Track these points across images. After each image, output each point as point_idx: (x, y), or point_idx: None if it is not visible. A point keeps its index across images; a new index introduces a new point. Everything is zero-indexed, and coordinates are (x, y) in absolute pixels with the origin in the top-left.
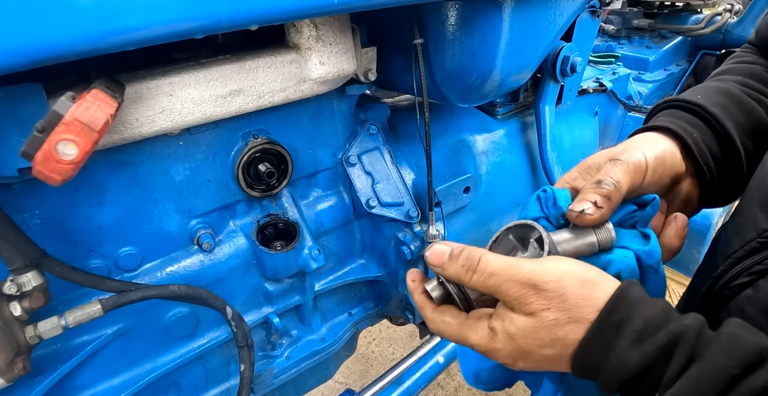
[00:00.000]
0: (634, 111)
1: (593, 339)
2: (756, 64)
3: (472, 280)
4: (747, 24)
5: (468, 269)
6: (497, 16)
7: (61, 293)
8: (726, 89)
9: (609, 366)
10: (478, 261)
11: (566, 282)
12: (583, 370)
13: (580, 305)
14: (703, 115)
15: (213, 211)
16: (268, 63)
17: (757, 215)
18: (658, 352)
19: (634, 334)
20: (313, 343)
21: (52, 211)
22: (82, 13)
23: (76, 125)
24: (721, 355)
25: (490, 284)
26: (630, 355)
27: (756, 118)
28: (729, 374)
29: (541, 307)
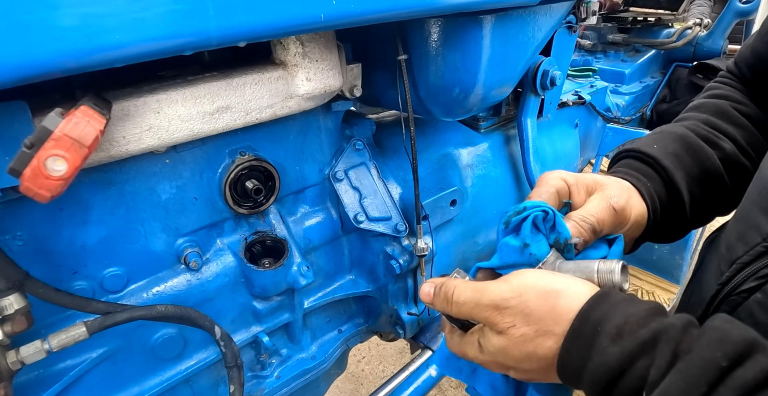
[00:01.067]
0: (613, 122)
1: (572, 341)
2: (726, 99)
3: (452, 311)
4: (716, 37)
5: (447, 303)
6: (478, 31)
7: (43, 316)
8: (683, 136)
9: (590, 365)
10: (452, 294)
11: (528, 296)
12: (566, 375)
13: (545, 318)
14: (656, 167)
15: (200, 229)
16: (255, 80)
17: (760, 220)
18: (639, 348)
19: (614, 331)
20: (304, 362)
21: (34, 232)
22: (69, 31)
23: (65, 141)
24: (708, 348)
25: (464, 312)
26: (610, 351)
27: (707, 167)
28: (718, 366)
29: (507, 325)
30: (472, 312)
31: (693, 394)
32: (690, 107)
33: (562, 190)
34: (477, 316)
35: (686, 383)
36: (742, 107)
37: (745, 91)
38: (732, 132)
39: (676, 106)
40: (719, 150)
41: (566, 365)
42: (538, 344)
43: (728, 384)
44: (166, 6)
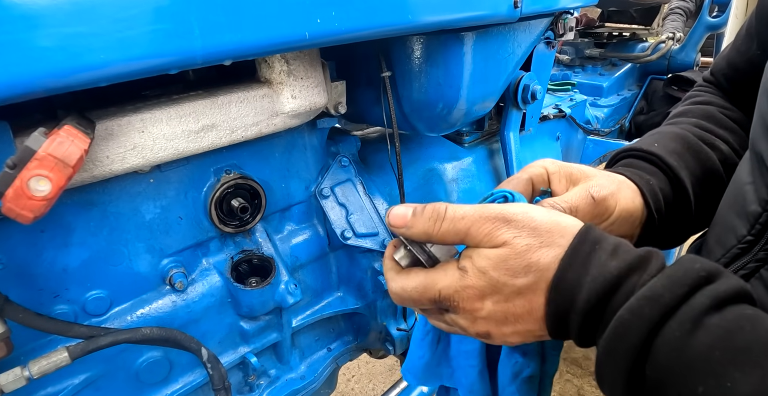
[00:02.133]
0: (593, 134)
1: (572, 257)
2: (710, 105)
3: (441, 228)
4: (689, 50)
5: (436, 219)
6: (460, 48)
7: (23, 342)
8: (682, 136)
9: (590, 277)
10: (445, 210)
11: (534, 213)
12: (560, 290)
13: (552, 231)
14: (660, 164)
15: (185, 249)
16: (241, 98)
17: (736, 223)
18: (635, 260)
19: (610, 247)
20: (293, 382)
21: (14, 255)
22: (53, 50)
23: (49, 160)
24: (688, 261)
25: (461, 227)
26: (610, 263)
27: (709, 167)
28: (697, 274)
29: (513, 235)
30: (472, 227)
31: (676, 292)
32: (675, 114)
33: (538, 177)
34: (476, 231)
35: (670, 281)
36: (727, 112)
37: (726, 99)
38: (724, 135)
39: (653, 118)
40: (717, 151)
41: (563, 279)
42: (543, 254)
43: (704, 292)
44: (151, 25)
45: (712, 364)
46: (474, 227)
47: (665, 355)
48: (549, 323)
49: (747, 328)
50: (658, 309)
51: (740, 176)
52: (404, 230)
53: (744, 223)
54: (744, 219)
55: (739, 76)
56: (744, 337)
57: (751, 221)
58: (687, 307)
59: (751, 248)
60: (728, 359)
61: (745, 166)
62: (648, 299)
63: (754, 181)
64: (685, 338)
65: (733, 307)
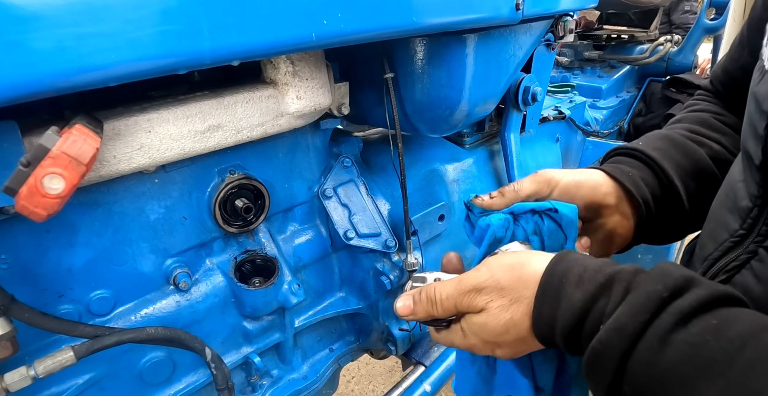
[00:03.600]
0: (592, 136)
1: (542, 295)
2: (705, 112)
3: (438, 311)
4: (686, 52)
5: (431, 304)
6: (462, 50)
7: (27, 342)
8: (667, 135)
9: (560, 311)
10: (435, 295)
11: (497, 274)
12: (542, 330)
13: (516, 287)
14: (642, 157)
15: (189, 249)
16: (247, 98)
17: (728, 218)
18: (598, 289)
19: (576, 278)
20: (295, 383)
21: (19, 255)
22: (64, 50)
23: (63, 159)
24: (652, 283)
25: (450, 306)
26: (574, 296)
27: (696, 160)
28: (659, 297)
29: (486, 301)
30: (456, 302)
31: (639, 319)
32: (672, 121)
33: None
34: (461, 305)
35: (633, 311)
36: (721, 117)
37: (722, 105)
38: (715, 136)
39: (651, 120)
40: (705, 147)
41: (540, 319)
42: (514, 311)
43: (669, 310)
44: (160, 26)
45: (680, 378)
46: (458, 302)
47: (639, 374)
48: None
49: (711, 341)
50: (624, 338)
51: (733, 175)
52: (413, 318)
53: (736, 218)
54: (736, 214)
55: (734, 82)
56: (707, 350)
57: (742, 216)
58: (653, 328)
59: (743, 241)
60: (694, 371)
61: (738, 166)
62: (614, 330)
63: (744, 179)
64: (654, 357)
65: (697, 320)
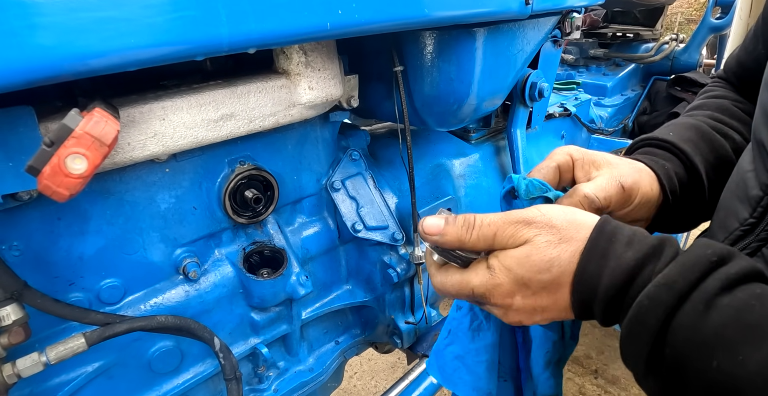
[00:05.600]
0: (597, 133)
1: (592, 250)
2: (725, 99)
3: (472, 236)
4: (692, 51)
5: (468, 228)
6: (472, 44)
7: (39, 329)
8: (696, 125)
9: (609, 269)
10: (474, 219)
11: (551, 214)
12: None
13: (568, 228)
14: (675, 151)
15: (198, 239)
16: (259, 88)
17: (738, 207)
18: (650, 250)
19: (626, 239)
20: (301, 374)
21: (31, 242)
22: (84, 33)
23: (86, 139)
24: (700, 248)
25: (488, 233)
26: (626, 255)
27: (723, 154)
28: (709, 260)
29: (534, 234)
30: (498, 230)
31: (688, 278)
32: (692, 107)
33: (564, 165)
34: (502, 235)
35: (683, 269)
36: (740, 104)
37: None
38: (737, 126)
39: (656, 118)
40: (730, 140)
41: (584, 275)
42: (563, 249)
43: (715, 275)
44: (179, 12)
45: (724, 341)
46: (500, 231)
47: (681, 334)
48: (575, 310)
49: (756, 306)
50: (672, 294)
51: (742, 165)
52: (437, 238)
53: (746, 207)
54: (746, 203)
55: (747, 73)
56: (753, 315)
57: (753, 205)
58: (699, 291)
59: (754, 230)
60: (739, 336)
61: (747, 155)
62: (663, 286)
63: (755, 168)
64: (699, 319)
65: (743, 287)
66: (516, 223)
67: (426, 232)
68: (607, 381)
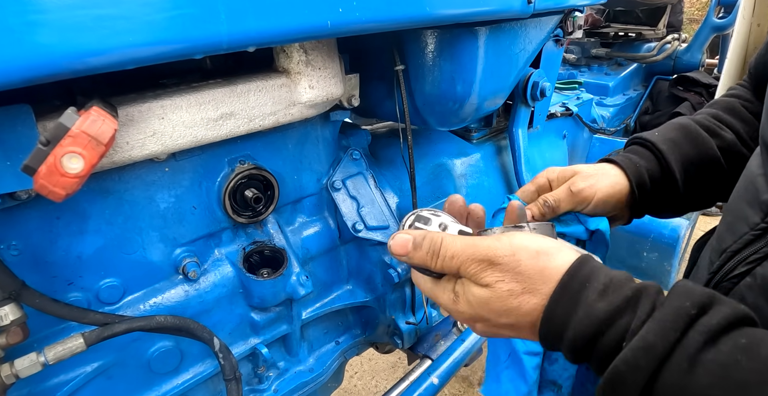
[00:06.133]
0: (599, 133)
1: (561, 294)
2: (737, 98)
3: (436, 264)
4: (694, 51)
5: (432, 255)
6: (473, 43)
7: (37, 329)
8: (684, 124)
9: (576, 318)
10: (440, 246)
11: (521, 255)
12: (550, 329)
13: (534, 278)
14: (653, 149)
15: (198, 239)
16: (259, 87)
17: (747, 212)
18: (624, 303)
19: (601, 287)
20: (301, 375)
21: (30, 242)
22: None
23: (83, 138)
24: (678, 299)
25: (452, 266)
26: (597, 305)
27: (705, 150)
28: (687, 314)
29: (496, 279)
30: (462, 265)
31: (668, 338)
32: (707, 104)
33: (543, 187)
34: (465, 270)
35: (661, 328)
36: (749, 105)
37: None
38: (736, 125)
39: (658, 118)
40: (719, 138)
41: (552, 318)
42: (524, 300)
43: (697, 328)
44: (178, 10)
45: None
46: (463, 267)
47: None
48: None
49: (743, 361)
50: (653, 359)
51: (751, 169)
52: (405, 259)
53: (756, 212)
54: (756, 208)
55: (759, 77)
56: (740, 372)
57: (764, 209)
58: (681, 348)
59: (765, 234)
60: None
61: (756, 159)
62: (642, 350)
63: (765, 173)
64: (683, 379)
65: (727, 337)
66: (480, 262)
67: (394, 253)
68: None
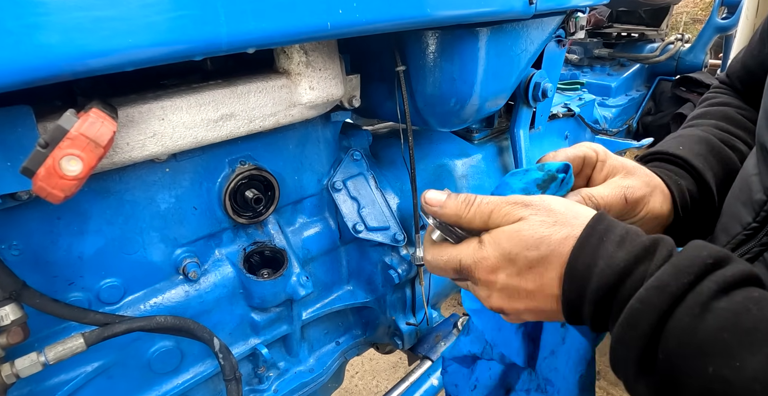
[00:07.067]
0: (601, 134)
1: (581, 247)
2: (728, 106)
3: (469, 211)
4: (697, 51)
5: (466, 204)
6: (474, 43)
7: (37, 329)
8: (705, 139)
9: (597, 269)
10: (474, 198)
11: (550, 200)
12: (571, 280)
13: (565, 213)
14: (686, 167)
15: (198, 239)
16: (260, 88)
17: (741, 212)
18: (642, 251)
19: (617, 238)
20: (301, 375)
21: (30, 242)
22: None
23: (81, 140)
24: (695, 250)
25: (485, 210)
26: (616, 255)
27: (730, 168)
28: (704, 262)
29: (529, 213)
30: (495, 209)
31: (682, 280)
32: (694, 115)
33: (589, 159)
34: (498, 213)
35: (676, 271)
36: (744, 112)
37: (740, 99)
38: (742, 135)
39: (660, 118)
40: (737, 152)
41: (573, 273)
42: (555, 230)
43: (711, 278)
44: (177, 11)
45: (721, 346)
46: (496, 209)
47: (675, 339)
48: (564, 310)
49: (753, 310)
50: (665, 297)
51: (747, 169)
52: (437, 209)
53: (749, 211)
54: (749, 207)
55: (752, 78)
56: (751, 319)
57: (756, 209)
58: (694, 293)
59: (756, 234)
60: (736, 340)
61: (752, 160)
62: (656, 289)
63: (759, 172)
64: (694, 322)
65: (739, 290)
66: (514, 204)
67: (427, 203)
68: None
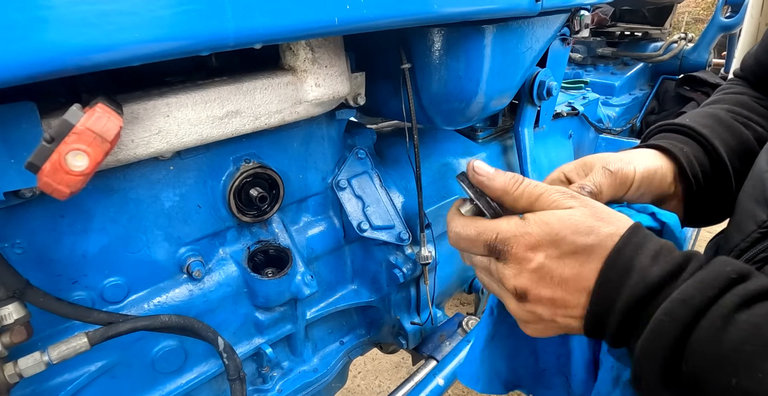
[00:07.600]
0: (605, 133)
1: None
2: (743, 95)
3: (518, 189)
4: (701, 50)
5: (516, 182)
6: (480, 41)
7: (41, 328)
8: (713, 113)
9: (631, 281)
10: (523, 178)
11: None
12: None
13: (609, 213)
14: (693, 134)
15: (203, 238)
16: (265, 85)
17: (756, 210)
18: (676, 268)
19: (652, 253)
20: (306, 375)
21: (34, 240)
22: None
23: (88, 135)
24: (720, 265)
25: (534, 192)
26: (651, 270)
27: (743, 140)
28: (728, 277)
29: (579, 204)
30: (543, 193)
31: (706, 294)
32: (707, 102)
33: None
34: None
35: (701, 285)
36: (760, 101)
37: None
38: (757, 119)
39: (664, 118)
40: (751, 129)
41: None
42: (603, 225)
43: (733, 291)
44: (184, 5)
45: (743, 358)
46: (546, 194)
47: (699, 351)
48: (587, 320)
49: None
50: (690, 310)
51: (760, 165)
52: (485, 180)
53: (764, 209)
54: (764, 205)
55: (765, 71)
56: None
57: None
58: (717, 306)
59: None
60: (758, 352)
61: (765, 155)
62: (680, 301)
63: None
64: (717, 335)
65: (761, 303)
66: (563, 193)
67: (475, 171)
68: None
